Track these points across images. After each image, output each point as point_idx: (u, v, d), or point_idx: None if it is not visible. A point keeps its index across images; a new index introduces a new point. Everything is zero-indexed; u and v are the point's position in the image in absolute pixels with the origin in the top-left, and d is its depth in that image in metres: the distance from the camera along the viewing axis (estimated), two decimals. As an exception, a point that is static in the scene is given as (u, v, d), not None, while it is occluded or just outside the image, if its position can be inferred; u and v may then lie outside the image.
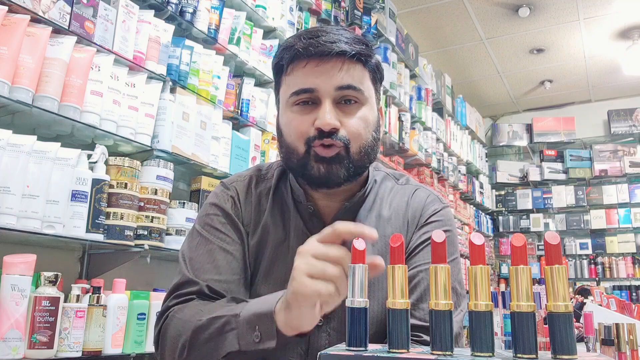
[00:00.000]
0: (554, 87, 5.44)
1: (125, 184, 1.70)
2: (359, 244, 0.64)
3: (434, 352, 0.56)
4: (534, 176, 5.69)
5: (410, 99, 3.83)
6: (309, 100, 0.91)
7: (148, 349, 1.71)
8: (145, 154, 1.86)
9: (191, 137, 1.99)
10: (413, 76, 3.97)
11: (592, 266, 5.31)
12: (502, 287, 5.23)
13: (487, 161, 5.66)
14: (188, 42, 2.05)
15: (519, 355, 0.54)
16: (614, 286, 5.13)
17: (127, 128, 1.75)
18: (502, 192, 5.86)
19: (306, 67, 0.90)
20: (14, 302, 1.33)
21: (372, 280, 0.93)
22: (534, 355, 0.53)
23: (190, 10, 2.07)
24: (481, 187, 5.34)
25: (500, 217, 5.76)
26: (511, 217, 5.72)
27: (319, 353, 0.55)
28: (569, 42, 4.58)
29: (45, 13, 1.54)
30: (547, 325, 0.56)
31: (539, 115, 5.85)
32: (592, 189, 5.45)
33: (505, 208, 5.80)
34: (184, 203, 1.95)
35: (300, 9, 2.74)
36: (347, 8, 3.12)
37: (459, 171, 4.74)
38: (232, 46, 2.27)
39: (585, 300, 2.24)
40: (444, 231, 0.65)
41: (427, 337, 0.86)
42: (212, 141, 2.10)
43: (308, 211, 0.97)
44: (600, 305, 1.66)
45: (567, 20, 4.24)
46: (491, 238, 5.55)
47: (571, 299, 1.97)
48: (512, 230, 5.66)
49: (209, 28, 2.15)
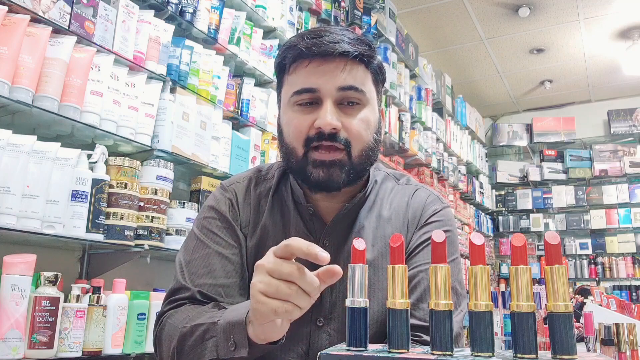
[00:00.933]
0: (554, 87, 5.44)
1: (125, 184, 1.70)
2: (359, 244, 0.64)
3: (434, 352, 0.56)
4: (534, 176, 5.69)
5: (410, 99, 3.83)
6: (310, 100, 0.91)
7: (148, 349, 1.72)
8: (145, 154, 1.86)
9: (191, 137, 1.99)
10: (413, 76, 3.97)
11: (592, 266, 5.31)
12: (502, 287, 5.23)
13: (487, 161, 5.66)
14: (188, 42, 2.04)
15: (519, 355, 0.54)
16: (614, 286, 5.12)
17: (127, 128, 1.75)
18: (502, 192, 5.86)
19: (308, 67, 0.90)
20: (14, 302, 1.33)
21: (372, 280, 0.93)
22: (534, 355, 0.53)
23: (190, 10, 2.07)
24: (481, 187, 5.34)
25: (500, 217, 5.76)
26: (511, 217, 5.72)
27: (319, 353, 0.56)
28: (569, 42, 4.58)
29: (45, 13, 1.53)
30: (547, 325, 0.56)
31: (539, 115, 5.85)
32: (592, 189, 5.45)
33: (505, 208, 5.80)
34: (184, 203, 1.95)
35: (300, 9, 2.74)
36: (347, 8, 3.12)
37: (459, 171, 4.73)
38: (232, 46, 2.27)
39: (585, 300, 2.24)
40: (444, 231, 0.65)
41: (427, 337, 0.86)
42: (212, 141, 2.10)
43: (308, 212, 0.97)
44: (600, 305, 1.66)
45: (567, 20, 4.24)
46: (491, 238, 5.55)
47: (571, 299, 1.96)
48: (512, 230, 5.65)
49: (209, 28, 2.15)
